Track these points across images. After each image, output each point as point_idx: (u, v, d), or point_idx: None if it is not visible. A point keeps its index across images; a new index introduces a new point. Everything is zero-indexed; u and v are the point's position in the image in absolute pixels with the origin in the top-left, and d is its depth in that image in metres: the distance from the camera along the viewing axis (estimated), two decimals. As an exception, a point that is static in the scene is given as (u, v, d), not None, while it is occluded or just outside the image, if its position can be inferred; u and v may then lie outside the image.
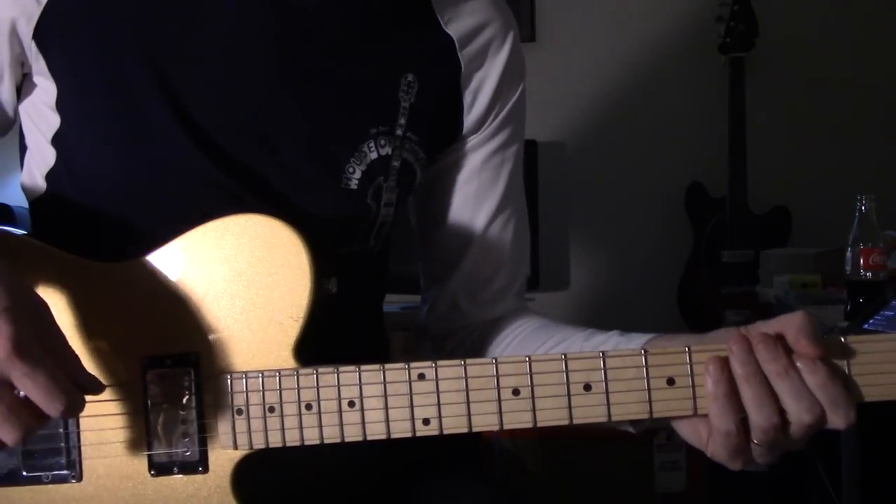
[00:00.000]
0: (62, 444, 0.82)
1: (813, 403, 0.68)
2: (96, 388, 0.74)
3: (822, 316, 1.81)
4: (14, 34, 0.86)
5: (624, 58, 2.88)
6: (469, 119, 0.97)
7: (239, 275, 0.80)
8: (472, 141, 0.99)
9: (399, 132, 0.92)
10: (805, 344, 0.69)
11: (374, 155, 0.91)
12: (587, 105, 2.91)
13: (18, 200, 2.78)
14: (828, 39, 2.78)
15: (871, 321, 1.55)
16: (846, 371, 0.70)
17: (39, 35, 0.86)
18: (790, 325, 0.70)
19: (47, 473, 0.82)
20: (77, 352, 0.74)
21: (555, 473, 2.42)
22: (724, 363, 0.70)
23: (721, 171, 2.67)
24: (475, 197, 0.99)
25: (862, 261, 1.82)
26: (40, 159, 0.92)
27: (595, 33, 2.89)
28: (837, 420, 0.69)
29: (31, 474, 0.83)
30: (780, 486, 2.39)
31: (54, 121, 0.89)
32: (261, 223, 0.80)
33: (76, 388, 0.70)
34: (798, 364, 0.69)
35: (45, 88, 0.89)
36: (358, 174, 0.90)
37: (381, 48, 0.92)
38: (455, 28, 0.95)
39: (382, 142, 0.91)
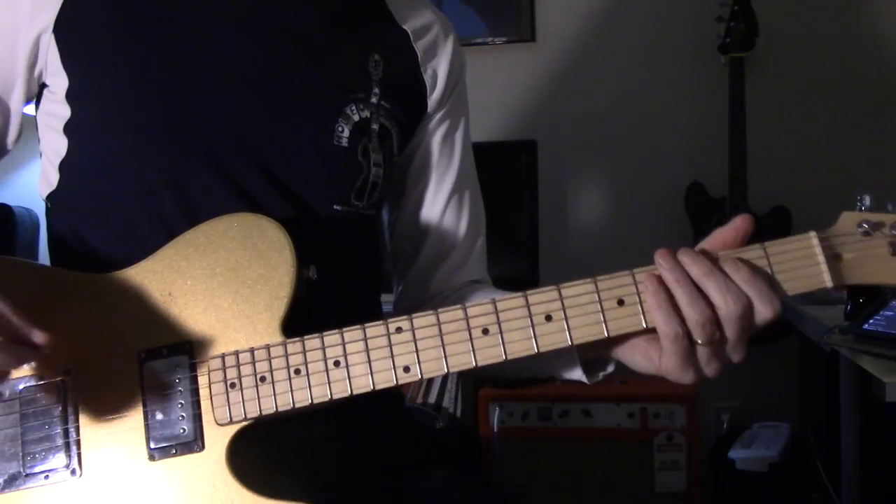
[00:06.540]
0: (61, 443, 0.84)
1: (739, 295, 0.77)
2: (38, 338, 0.80)
3: (823, 316, 1.82)
4: (35, 42, 0.94)
5: (624, 58, 2.88)
6: (433, 99, 1.10)
7: (226, 268, 0.86)
8: (435, 118, 1.11)
9: (374, 100, 1.03)
10: (723, 248, 0.80)
11: (356, 117, 1.01)
12: (587, 105, 2.91)
13: (19, 200, 2.79)
14: (828, 39, 2.78)
15: (871, 321, 1.55)
16: (768, 270, 0.79)
17: (59, 28, 0.93)
18: (708, 239, 0.81)
19: (47, 472, 0.84)
20: (76, 356, 0.83)
21: (555, 473, 2.42)
22: (658, 277, 0.80)
23: (721, 171, 2.67)
24: (434, 173, 1.12)
25: (862, 261, 1.81)
26: (53, 154, 0.98)
27: (595, 33, 2.90)
28: (765, 310, 0.78)
29: (31, 476, 0.84)
30: (780, 486, 2.39)
31: (65, 112, 0.95)
32: (243, 220, 0.87)
33: (17, 345, 0.79)
34: (723, 267, 0.78)
35: (57, 84, 0.95)
36: (346, 133, 1.00)
37: (347, 33, 1.04)
38: (408, 24, 1.09)
39: (361, 106, 1.02)
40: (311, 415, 0.84)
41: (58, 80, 0.95)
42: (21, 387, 0.86)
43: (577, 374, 0.91)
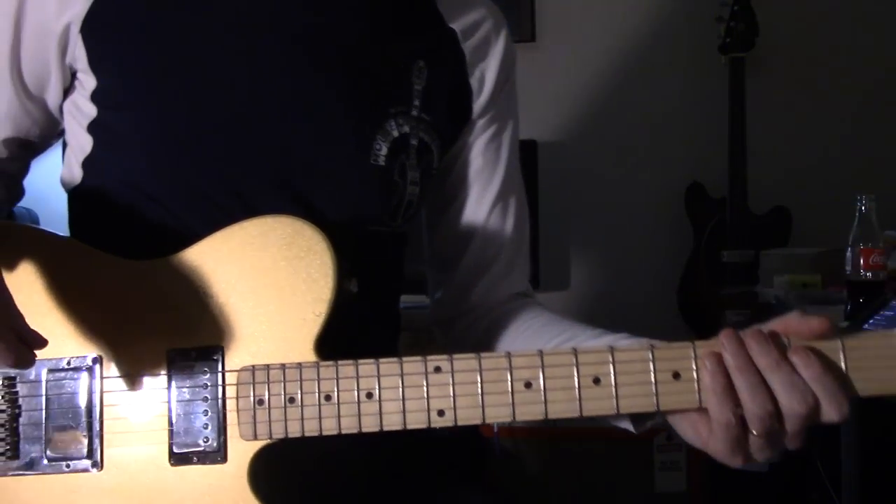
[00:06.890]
0: (84, 433, 0.84)
1: (805, 394, 0.71)
2: (40, 343, 0.78)
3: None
4: (64, 33, 0.92)
5: (624, 58, 2.88)
6: (478, 104, 1.05)
7: (264, 273, 0.83)
8: (479, 123, 1.06)
9: (414, 113, 0.98)
10: (796, 336, 0.73)
11: (395, 133, 0.96)
12: (587, 105, 2.91)
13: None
14: (828, 39, 2.78)
15: (871, 321, 1.55)
16: (842, 366, 0.73)
17: (86, 29, 0.91)
18: (783, 322, 0.74)
19: (68, 462, 0.84)
20: (105, 344, 0.81)
21: (555, 473, 2.42)
22: (720, 357, 0.73)
23: (721, 171, 2.67)
24: (479, 178, 1.06)
25: (862, 261, 1.82)
26: (78, 149, 0.97)
27: (595, 33, 2.90)
28: (832, 412, 0.71)
29: (52, 463, 0.84)
30: (780, 486, 2.39)
31: (90, 110, 0.94)
32: (286, 224, 0.83)
33: (23, 344, 0.76)
34: (793, 358, 0.72)
35: (83, 82, 0.94)
36: (384, 151, 0.95)
37: (392, 40, 0.99)
38: (456, 24, 1.03)
39: (401, 121, 0.97)
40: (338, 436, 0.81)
41: (85, 78, 0.93)
42: (47, 370, 0.84)
43: (624, 423, 0.85)
